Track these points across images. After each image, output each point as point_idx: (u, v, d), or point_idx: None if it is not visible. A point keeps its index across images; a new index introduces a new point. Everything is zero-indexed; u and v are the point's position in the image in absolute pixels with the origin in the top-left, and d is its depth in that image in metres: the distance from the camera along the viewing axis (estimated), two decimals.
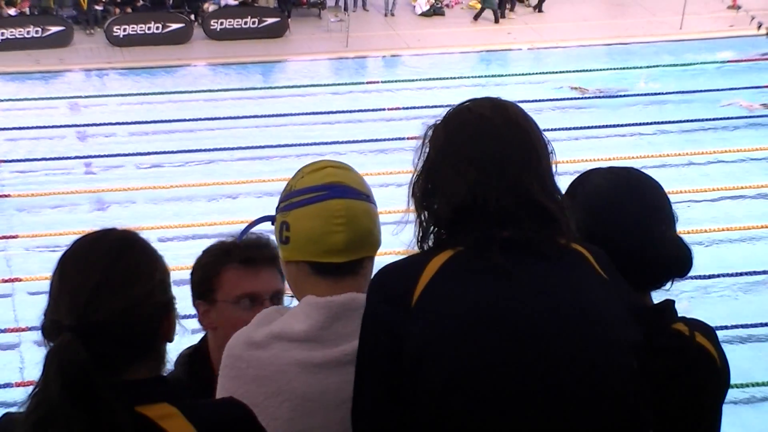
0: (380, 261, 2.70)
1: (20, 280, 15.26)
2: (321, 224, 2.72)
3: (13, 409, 2.49)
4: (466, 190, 2.49)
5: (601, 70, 25.74)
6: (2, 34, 27.20)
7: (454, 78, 25.20)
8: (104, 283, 2.40)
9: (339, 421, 2.60)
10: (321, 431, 2.63)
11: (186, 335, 2.68)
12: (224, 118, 22.48)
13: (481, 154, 2.51)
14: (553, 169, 2.58)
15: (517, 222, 2.47)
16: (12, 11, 28.36)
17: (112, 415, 2.32)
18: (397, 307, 2.44)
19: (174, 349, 2.67)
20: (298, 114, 22.76)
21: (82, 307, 2.37)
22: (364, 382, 2.50)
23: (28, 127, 22.06)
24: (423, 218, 2.57)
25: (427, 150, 2.60)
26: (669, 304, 2.88)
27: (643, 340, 2.51)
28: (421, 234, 2.57)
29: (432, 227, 2.56)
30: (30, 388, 2.37)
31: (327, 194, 2.75)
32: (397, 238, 2.70)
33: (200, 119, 22.45)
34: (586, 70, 25.54)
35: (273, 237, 2.93)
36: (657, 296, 2.93)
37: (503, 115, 2.56)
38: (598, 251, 2.57)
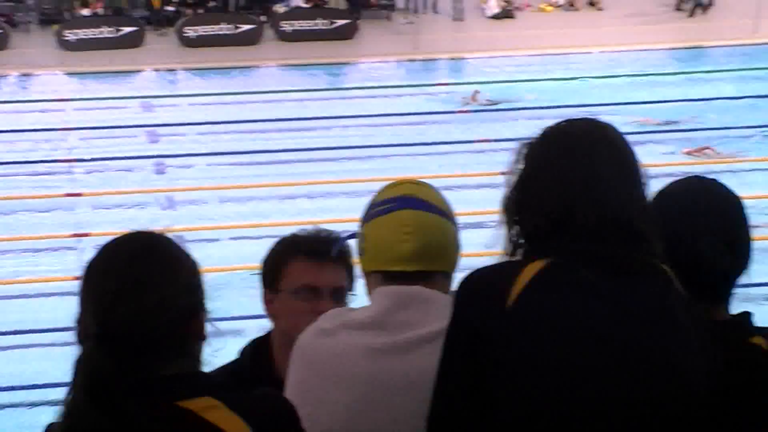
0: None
1: None
2: (390, 233, 2.78)
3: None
4: (556, 204, 2.52)
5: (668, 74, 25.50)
6: (76, 34, 27.52)
7: (524, 81, 25.11)
8: (123, 289, 2.42)
9: (398, 407, 2.63)
10: (380, 416, 2.65)
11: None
12: (293, 119, 22.57)
13: (574, 169, 2.55)
14: (645, 190, 2.61)
15: (606, 238, 2.50)
16: (86, 12, 28.71)
17: (148, 413, 2.36)
18: (489, 312, 2.46)
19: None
20: (367, 116, 22.79)
21: (104, 313, 2.40)
22: (446, 385, 2.52)
23: (100, 127, 22.30)
24: (513, 231, 2.60)
25: (521, 166, 2.63)
26: (745, 317, 2.85)
27: (719, 358, 2.51)
28: (510, 247, 2.60)
29: (522, 240, 2.59)
30: None
31: (397, 205, 2.81)
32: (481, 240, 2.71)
33: (270, 120, 22.54)
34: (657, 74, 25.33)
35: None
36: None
37: (598, 134, 2.61)
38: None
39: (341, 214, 16.97)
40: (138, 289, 2.41)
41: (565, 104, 21.98)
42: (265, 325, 3.65)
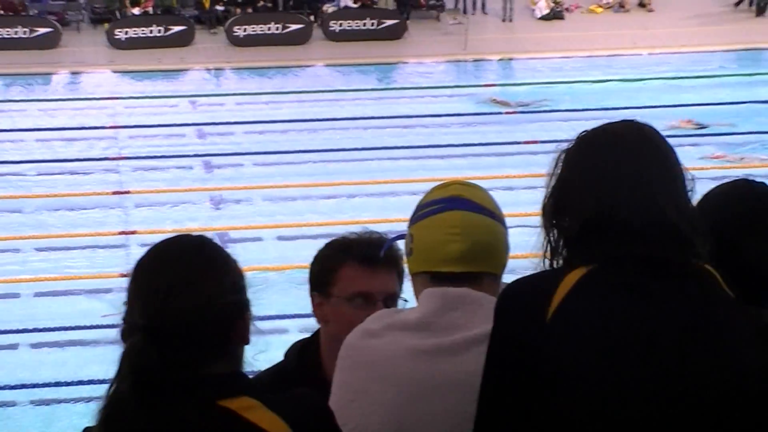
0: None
1: None
2: (438, 234, 2.76)
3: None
4: (594, 205, 2.48)
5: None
6: (126, 33, 27.71)
7: (572, 82, 25.01)
8: (173, 285, 2.45)
9: (443, 410, 2.62)
10: (426, 418, 2.64)
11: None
12: (341, 119, 22.61)
13: (612, 169, 2.51)
14: (689, 191, 2.56)
15: (648, 240, 2.45)
16: (136, 11, 28.90)
17: (190, 410, 2.40)
18: (530, 322, 2.43)
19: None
20: (415, 116, 22.79)
21: (153, 308, 2.44)
22: (489, 396, 2.50)
23: (149, 125, 22.45)
24: (552, 236, 2.57)
25: (559, 170, 2.59)
26: None
27: None
28: (550, 252, 2.56)
29: (562, 245, 2.55)
30: None
31: (446, 206, 2.79)
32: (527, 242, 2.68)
33: (317, 119, 22.60)
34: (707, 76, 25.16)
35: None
36: None
37: (637, 134, 2.57)
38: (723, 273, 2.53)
39: (387, 215, 17.00)
40: (188, 287, 2.46)
41: (613, 106, 21.87)
42: (305, 325, 3.63)
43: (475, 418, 2.52)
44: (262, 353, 2.63)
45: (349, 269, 3.46)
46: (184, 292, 2.45)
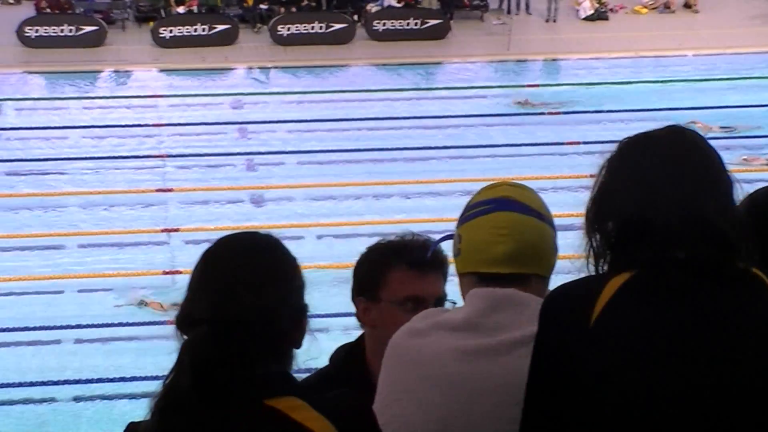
0: None
1: (180, 273, 15.59)
2: (486, 235, 2.76)
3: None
4: (634, 209, 2.47)
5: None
6: (170, 31, 27.84)
7: (616, 83, 24.89)
8: (243, 281, 2.45)
9: (487, 410, 2.61)
10: (470, 418, 2.64)
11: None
12: (383, 119, 22.61)
13: (652, 173, 2.49)
14: (735, 194, 2.53)
15: (690, 243, 2.43)
16: (181, 9, 29.04)
17: (239, 408, 2.40)
18: (573, 328, 2.42)
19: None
20: (458, 116, 22.77)
21: (219, 302, 2.43)
22: (534, 401, 2.49)
23: (192, 123, 22.55)
24: (595, 241, 2.55)
25: (602, 177, 2.59)
26: None
27: None
28: (594, 257, 2.55)
29: (604, 250, 2.54)
30: None
31: (494, 207, 2.79)
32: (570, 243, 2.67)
33: (360, 119, 22.61)
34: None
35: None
36: None
37: (679, 138, 2.55)
38: None
39: (429, 215, 17.00)
40: (261, 285, 2.46)
41: (656, 107, 21.78)
42: (348, 324, 3.62)
43: (520, 422, 2.52)
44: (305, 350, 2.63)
45: (398, 273, 3.45)
46: (256, 289, 2.45)
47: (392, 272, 3.46)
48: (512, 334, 2.63)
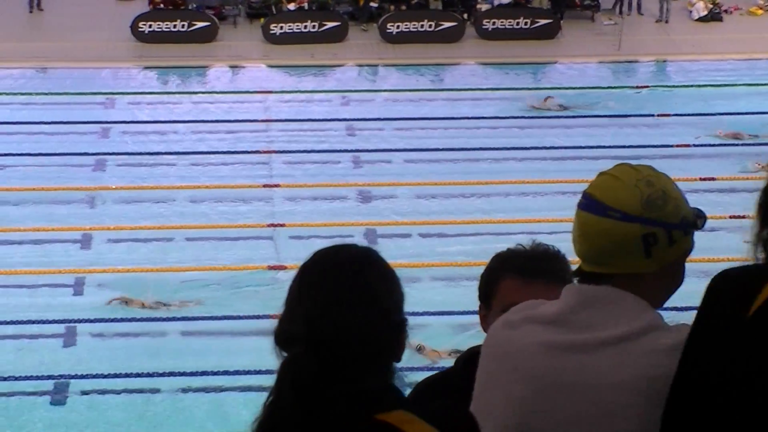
0: None
1: (285, 268, 15.70)
2: (573, 232, 2.74)
3: None
4: None
5: None
6: (281, 28, 28.06)
7: (730, 85, 24.51)
8: (342, 298, 2.41)
9: (571, 407, 2.59)
10: (553, 414, 2.61)
11: None
12: (490, 118, 22.55)
13: None
14: None
15: None
16: (291, 6, 29.26)
17: (349, 424, 2.37)
18: (731, 316, 2.38)
19: None
20: (567, 117, 22.62)
21: (313, 321, 2.39)
22: (683, 384, 2.44)
23: (300, 119, 22.70)
24: (765, 231, 2.48)
25: None
26: None
27: None
28: (762, 246, 2.47)
29: None
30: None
31: (581, 202, 2.74)
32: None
33: (467, 118, 22.58)
34: None
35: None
36: None
37: None
38: None
39: (533, 214, 16.90)
40: (361, 301, 2.42)
41: None
42: (449, 322, 3.59)
43: (665, 404, 2.46)
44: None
45: (508, 281, 3.44)
46: (350, 307, 2.41)
47: (502, 280, 3.46)
48: (600, 333, 2.59)
